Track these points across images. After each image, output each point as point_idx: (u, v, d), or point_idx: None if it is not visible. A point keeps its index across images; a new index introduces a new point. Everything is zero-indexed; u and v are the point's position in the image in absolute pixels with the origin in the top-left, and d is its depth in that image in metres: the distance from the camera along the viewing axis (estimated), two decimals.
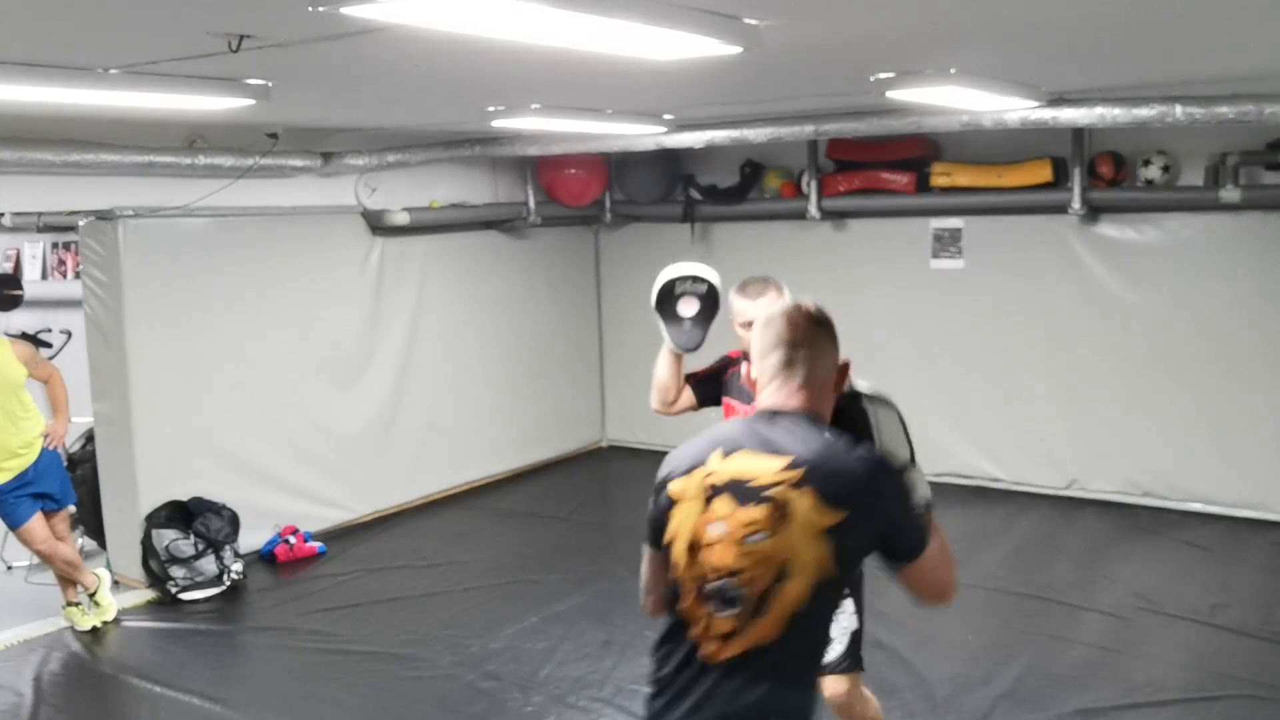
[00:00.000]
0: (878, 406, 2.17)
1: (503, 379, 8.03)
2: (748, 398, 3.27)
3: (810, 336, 2.14)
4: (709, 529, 2.03)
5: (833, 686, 3.36)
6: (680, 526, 2.08)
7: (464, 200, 7.72)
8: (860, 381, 2.22)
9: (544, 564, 6.15)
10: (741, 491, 2.02)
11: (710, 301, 3.47)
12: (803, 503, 1.96)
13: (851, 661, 3.38)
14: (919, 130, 5.89)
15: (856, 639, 3.40)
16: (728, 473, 2.05)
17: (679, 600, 2.08)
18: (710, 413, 3.53)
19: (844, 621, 3.36)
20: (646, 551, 2.23)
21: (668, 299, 3.51)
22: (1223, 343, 6.56)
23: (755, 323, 2.80)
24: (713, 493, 2.05)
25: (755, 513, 1.99)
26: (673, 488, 2.13)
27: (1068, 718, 4.26)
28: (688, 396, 3.59)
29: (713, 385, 3.57)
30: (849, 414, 2.16)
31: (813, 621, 2.03)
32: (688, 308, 3.45)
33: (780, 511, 1.97)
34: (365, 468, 7.13)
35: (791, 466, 1.99)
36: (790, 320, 2.15)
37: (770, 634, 1.98)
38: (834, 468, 1.99)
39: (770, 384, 2.15)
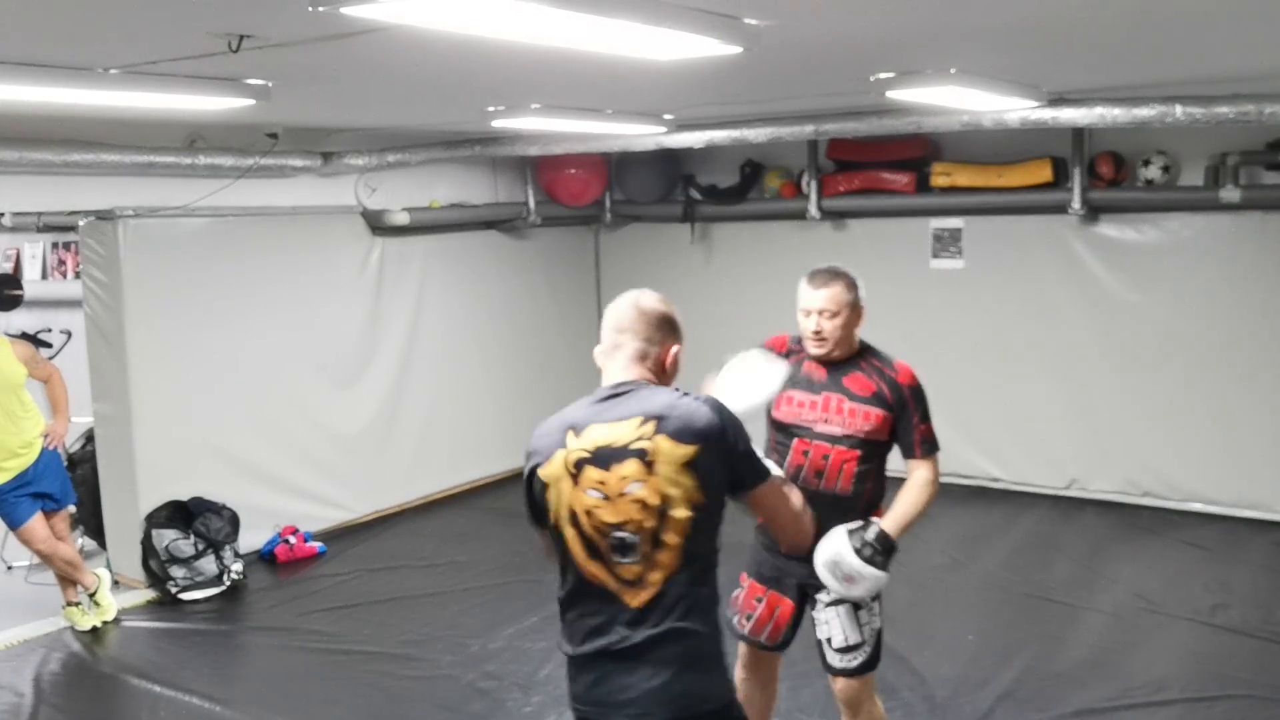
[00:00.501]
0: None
1: (503, 379, 8.03)
2: (811, 387, 3.30)
3: (633, 325, 2.47)
4: (587, 495, 2.35)
5: (847, 688, 3.35)
6: (558, 505, 2.41)
7: (464, 200, 7.72)
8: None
9: (544, 564, 6.11)
10: (608, 455, 2.34)
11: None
12: (663, 446, 2.31)
13: (871, 663, 3.35)
14: (919, 130, 5.89)
15: (880, 638, 3.37)
16: (588, 446, 2.37)
17: (580, 567, 2.38)
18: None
19: (874, 623, 3.34)
20: (536, 529, 2.58)
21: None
22: (1223, 342, 6.56)
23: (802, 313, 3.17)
24: (577, 468, 2.37)
25: (626, 468, 2.32)
26: (542, 474, 2.45)
27: (1068, 718, 4.26)
28: None
29: None
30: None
31: (701, 545, 2.34)
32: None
33: (646, 459, 2.31)
34: (365, 468, 7.13)
35: (644, 422, 2.33)
36: (621, 308, 2.51)
37: (671, 565, 2.32)
38: (679, 414, 2.33)
39: (608, 365, 2.50)
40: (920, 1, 2.95)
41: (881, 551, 3.15)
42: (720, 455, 2.33)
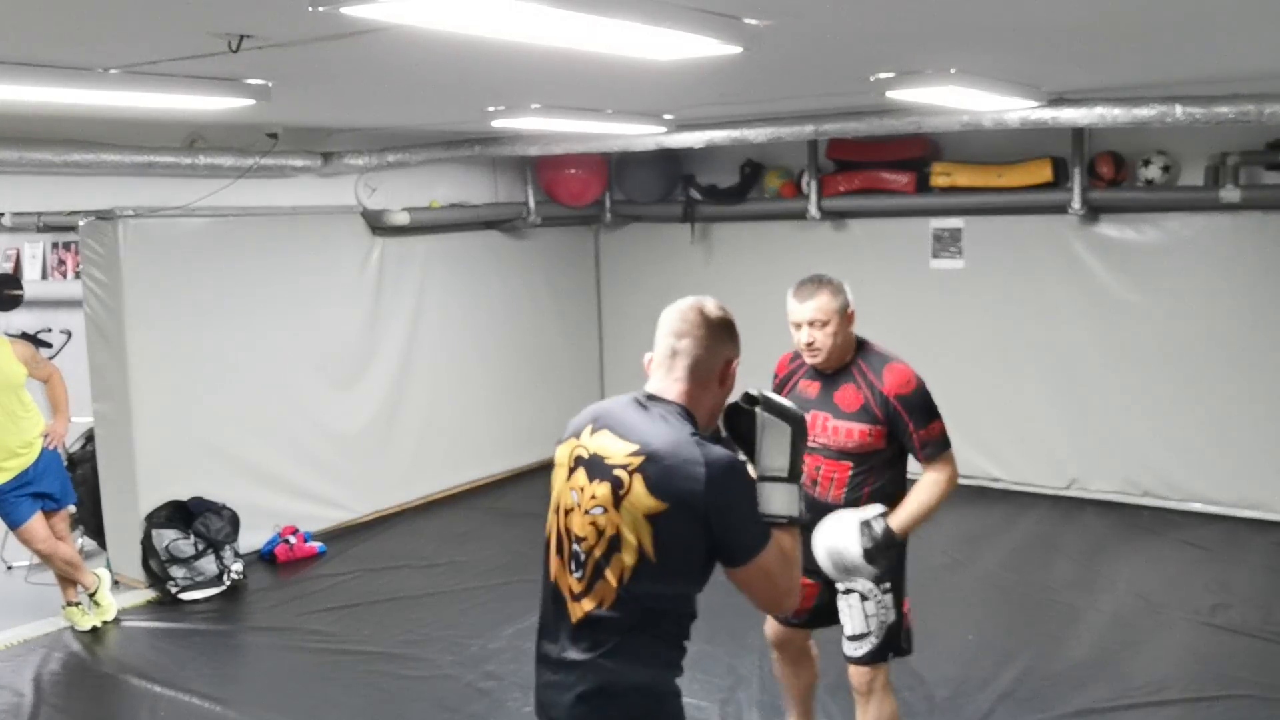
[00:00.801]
0: (772, 416, 2.23)
1: (503, 379, 8.03)
2: (803, 406, 3.12)
3: (697, 331, 2.24)
4: (569, 494, 2.26)
5: (857, 674, 3.44)
6: (556, 490, 2.32)
7: (464, 200, 7.72)
8: (768, 392, 2.29)
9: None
10: (596, 466, 2.21)
11: None
12: (636, 487, 2.13)
13: (883, 653, 3.40)
14: (919, 130, 5.89)
15: (894, 631, 3.40)
16: (591, 447, 2.24)
17: (549, 559, 2.30)
18: None
19: (881, 615, 3.39)
20: None
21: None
22: (1223, 342, 6.56)
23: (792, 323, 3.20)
24: (576, 464, 2.27)
25: (600, 488, 2.18)
26: (558, 453, 2.35)
27: (1068, 718, 4.27)
28: None
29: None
30: (740, 416, 2.26)
31: (643, 597, 2.16)
32: None
33: (618, 490, 2.15)
34: (365, 468, 7.13)
35: (637, 453, 2.15)
36: (682, 314, 2.26)
37: (606, 600, 2.17)
38: (670, 463, 2.11)
39: (657, 370, 2.28)
40: (920, 1, 2.95)
41: (882, 547, 3.15)
42: (691, 523, 2.11)
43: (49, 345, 7.57)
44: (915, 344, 7.46)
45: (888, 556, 3.20)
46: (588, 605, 2.20)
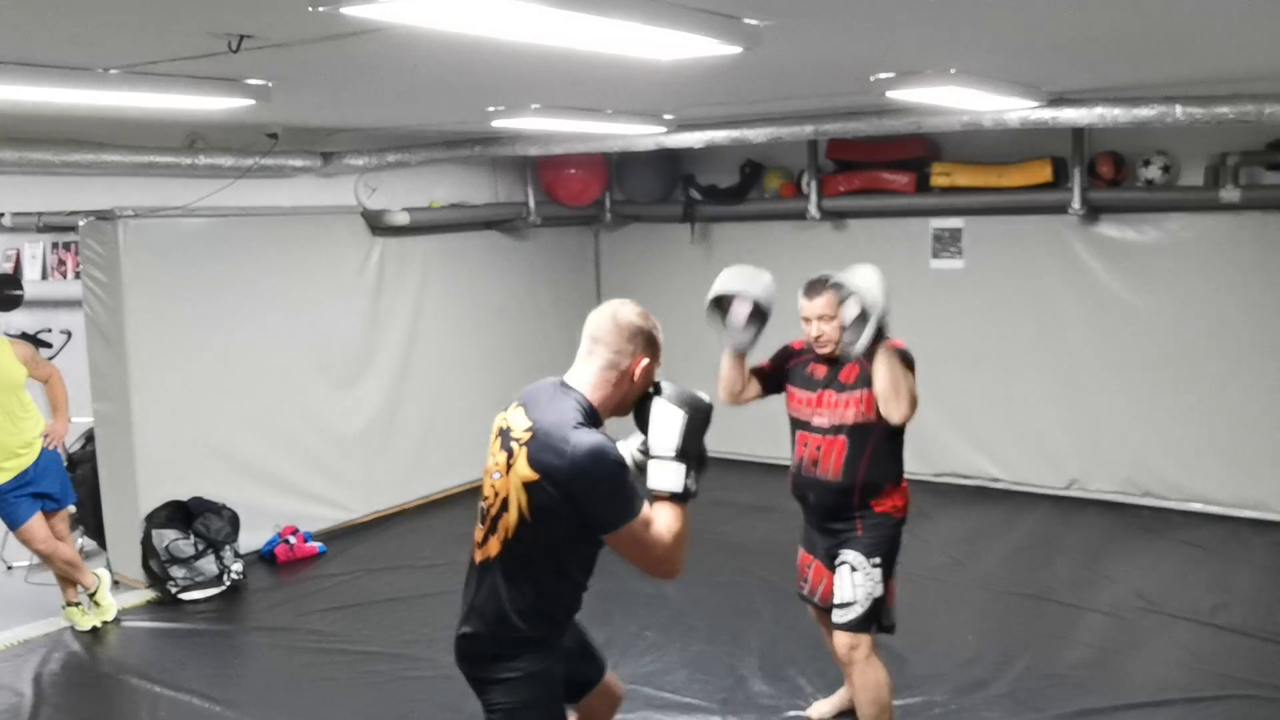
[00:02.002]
0: (666, 403, 2.58)
1: (503, 379, 8.01)
2: (810, 385, 3.73)
3: (609, 336, 2.61)
4: (489, 459, 2.63)
5: (840, 640, 3.73)
6: (488, 456, 2.66)
7: (464, 200, 7.72)
8: (667, 384, 2.62)
9: None
10: (505, 437, 2.59)
11: (759, 310, 3.67)
12: (520, 457, 2.50)
13: (865, 623, 3.68)
14: (919, 130, 5.89)
15: (878, 604, 3.68)
16: (508, 420, 2.62)
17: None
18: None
19: (868, 587, 3.66)
20: None
21: (721, 304, 3.74)
22: (1223, 343, 6.56)
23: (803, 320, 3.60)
24: (498, 433, 2.64)
25: (501, 455, 2.57)
26: (492, 425, 2.70)
27: (1068, 718, 4.26)
28: (754, 388, 3.89)
29: (776, 376, 3.87)
30: (644, 402, 2.63)
31: (522, 554, 2.54)
32: (740, 312, 3.67)
33: (510, 460, 2.53)
34: (365, 468, 7.13)
35: (529, 429, 2.53)
36: (600, 317, 2.65)
37: (492, 552, 2.59)
38: (548, 441, 2.47)
39: (576, 362, 2.66)
40: (920, 2, 2.95)
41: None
42: (558, 495, 2.44)
43: (49, 345, 7.55)
44: (915, 344, 7.40)
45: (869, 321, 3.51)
46: (479, 556, 2.64)
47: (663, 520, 2.52)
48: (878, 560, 3.68)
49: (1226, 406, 6.58)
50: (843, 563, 3.71)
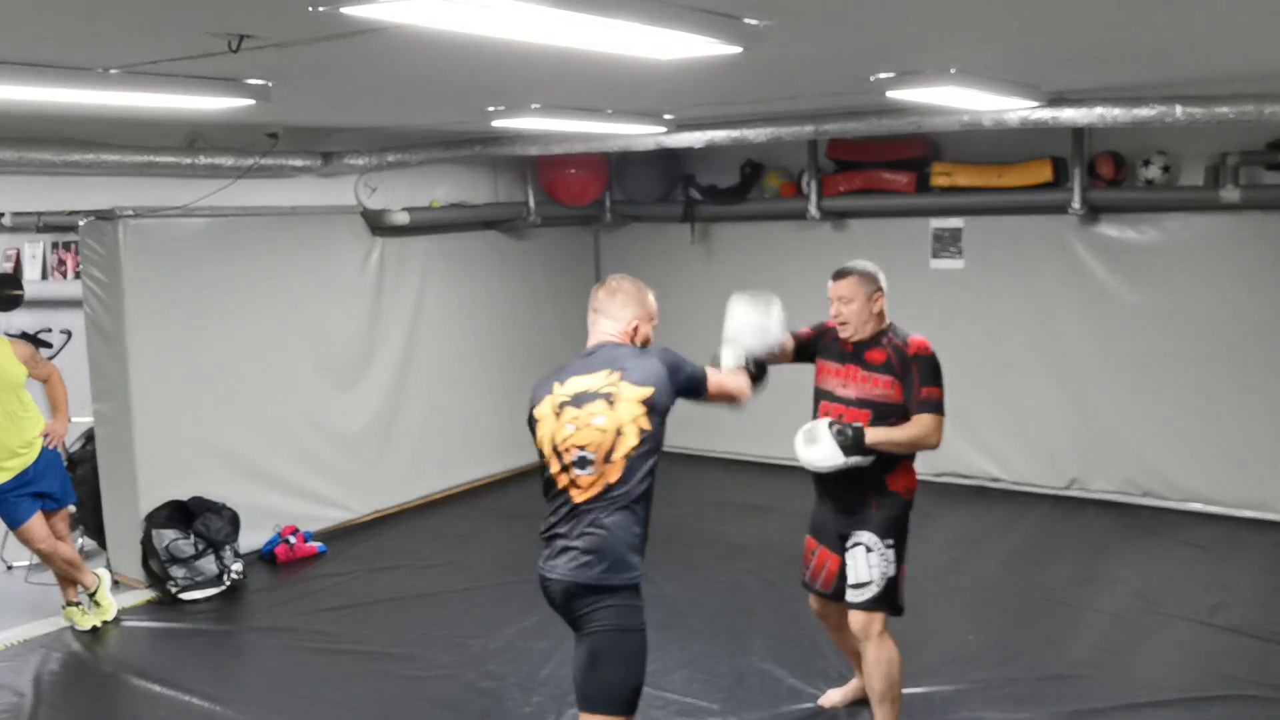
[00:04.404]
0: (733, 305, 3.65)
1: (502, 379, 8.02)
2: (841, 358, 3.93)
3: (604, 305, 3.31)
4: (565, 428, 3.13)
5: (855, 619, 3.86)
6: (543, 436, 3.20)
7: (464, 200, 7.72)
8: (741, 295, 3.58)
9: None
10: (583, 397, 3.13)
11: (758, 366, 3.79)
12: (625, 389, 3.11)
13: (879, 602, 3.81)
14: (919, 130, 5.89)
15: (893, 584, 3.82)
16: (570, 391, 3.17)
17: (554, 477, 3.16)
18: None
19: (883, 567, 3.81)
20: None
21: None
22: (1223, 343, 6.56)
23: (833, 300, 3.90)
24: (561, 408, 3.16)
25: (597, 406, 3.11)
26: (535, 413, 3.24)
27: (1067, 717, 4.27)
28: (788, 351, 4.06)
29: (808, 346, 4.05)
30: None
31: (639, 461, 3.09)
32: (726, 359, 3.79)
33: (611, 399, 3.10)
34: (365, 468, 7.13)
35: (611, 372, 3.15)
36: (595, 291, 3.35)
37: (615, 475, 3.08)
38: (637, 365, 3.15)
39: (590, 334, 3.31)
40: (920, 1, 2.95)
41: (850, 440, 3.73)
42: (667, 391, 3.14)
43: (49, 345, 7.56)
44: None
45: (853, 449, 3.73)
46: (598, 487, 3.08)
47: (728, 375, 3.51)
48: (891, 541, 3.82)
49: (1226, 406, 6.58)
50: (857, 544, 3.85)
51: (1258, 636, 4.95)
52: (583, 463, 3.10)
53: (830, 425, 3.76)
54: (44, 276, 8.21)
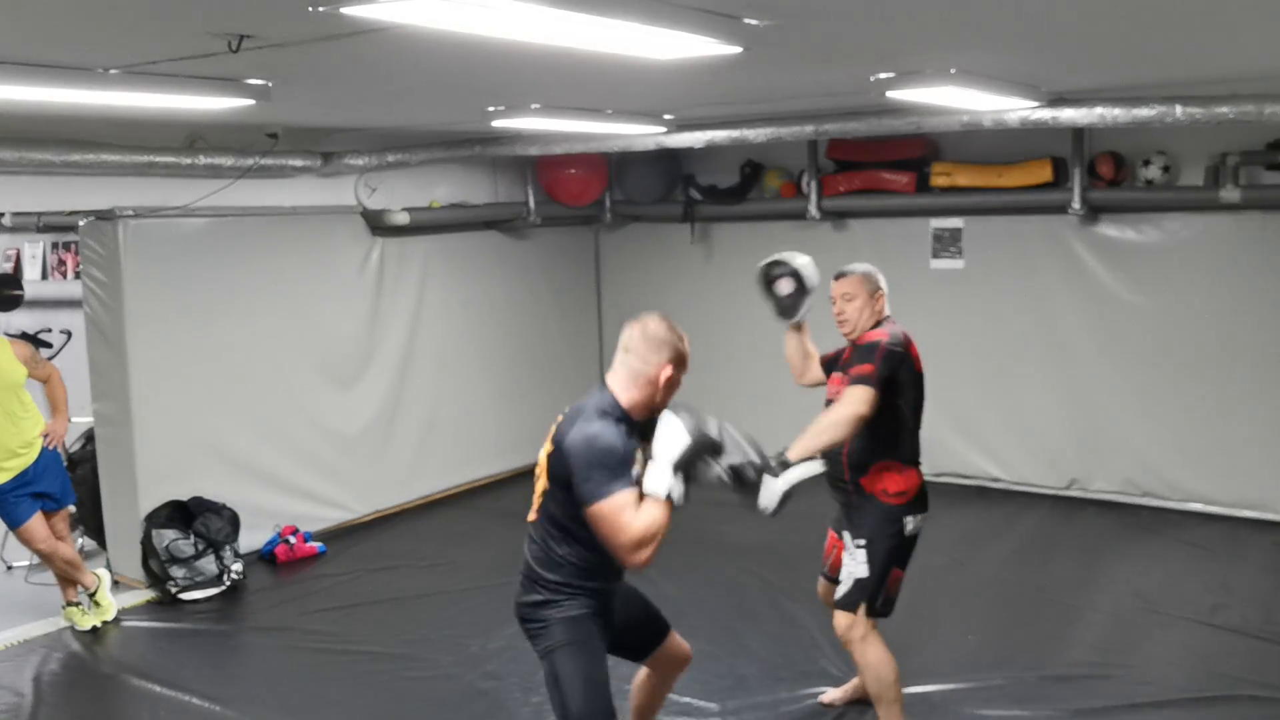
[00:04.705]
0: (674, 419, 2.94)
1: (503, 379, 8.03)
2: (840, 369, 3.96)
3: (636, 345, 3.04)
4: (540, 453, 3.12)
5: (836, 618, 3.91)
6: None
7: (464, 200, 7.72)
8: (684, 409, 2.98)
9: None
10: (554, 431, 3.09)
11: (799, 280, 4.10)
12: (551, 437, 3.05)
13: (850, 602, 3.84)
14: (919, 130, 5.89)
15: (861, 586, 3.83)
16: (556, 421, 3.12)
17: None
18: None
19: (851, 567, 3.86)
20: None
21: (767, 281, 4.20)
22: (1223, 343, 6.56)
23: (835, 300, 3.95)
24: (551, 433, 3.11)
25: (549, 444, 3.06)
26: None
27: (1067, 717, 4.27)
28: (815, 372, 4.25)
29: (829, 364, 4.14)
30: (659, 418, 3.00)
31: (548, 511, 3.08)
32: (783, 286, 4.14)
33: (549, 443, 3.06)
34: (365, 468, 7.13)
35: (563, 413, 3.08)
36: (630, 329, 3.08)
37: (533, 515, 3.15)
38: (568, 426, 2.99)
39: (613, 368, 3.10)
40: (920, 1, 2.95)
41: (756, 473, 3.17)
42: (562, 463, 2.95)
43: (49, 345, 7.56)
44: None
45: (778, 471, 3.31)
46: (529, 517, 3.16)
47: (644, 512, 2.87)
48: (862, 542, 3.84)
49: (1226, 406, 6.58)
50: (844, 542, 3.96)
51: (1258, 636, 4.95)
52: (536, 479, 3.16)
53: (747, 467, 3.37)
54: (44, 276, 8.21)
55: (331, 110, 5.48)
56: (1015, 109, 5.37)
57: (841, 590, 3.88)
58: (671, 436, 2.91)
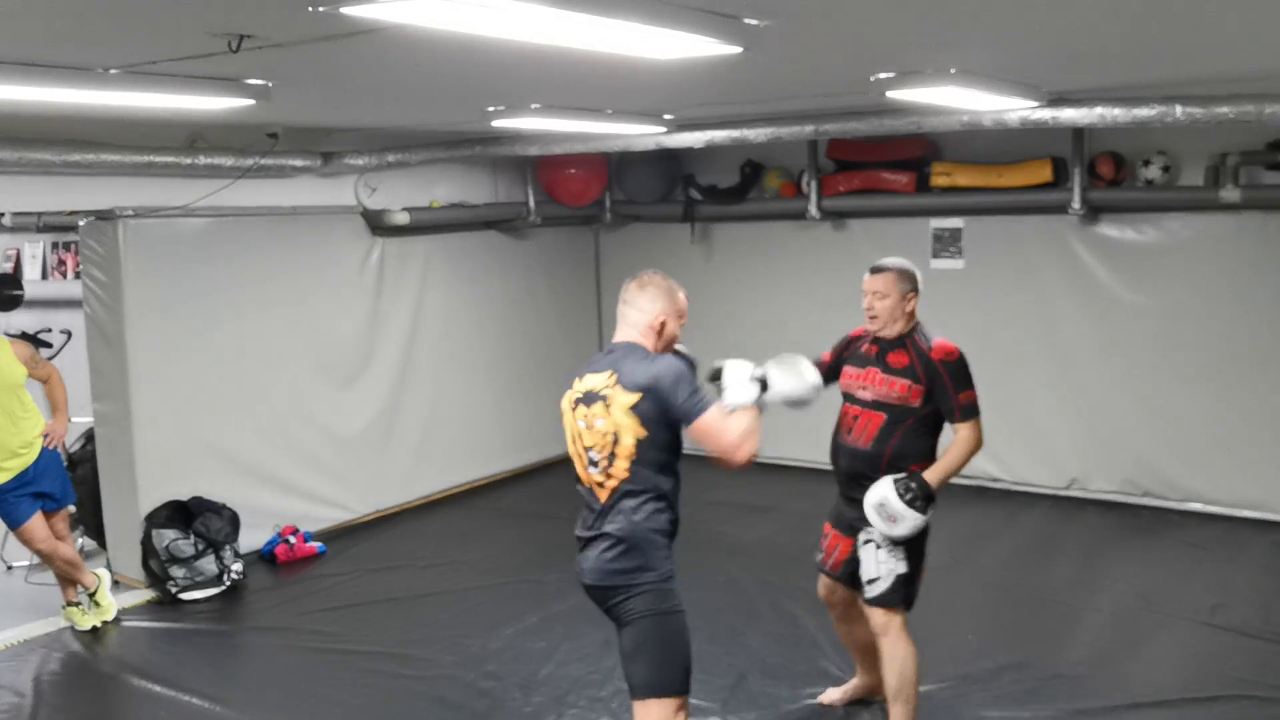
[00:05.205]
0: (732, 368, 3.28)
1: (503, 379, 8.03)
2: (862, 362, 3.99)
3: (633, 298, 3.27)
4: (577, 424, 3.22)
5: (873, 615, 3.92)
6: (567, 429, 3.28)
7: (464, 200, 7.72)
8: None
9: (544, 564, 6.13)
10: (590, 396, 3.18)
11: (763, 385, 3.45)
12: (617, 394, 3.11)
13: (894, 599, 3.88)
14: (919, 130, 5.89)
15: (901, 581, 3.87)
16: (581, 389, 3.23)
17: (578, 473, 3.25)
18: None
19: (890, 564, 3.87)
20: None
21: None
22: (1223, 342, 6.56)
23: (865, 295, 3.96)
24: (575, 404, 3.24)
25: (597, 408, 3.15)
26: (562, 404, 3.30)
27: (1067, 717, 4.27)
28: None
29: (834, 365, 4.11)
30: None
31: (644, 464, 3.11)
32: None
33: (607, 403, 3.12)
34: (365, 468, 7.13)
35: (611, 374, 3.15)
36: (626, 285, 3.30)
37: (623, 475, 3.12)
38: (631, 369, 3.12)
39: (617, 328, 3.28)
40: (920, 1, 2.95)
41: (920, 497, 3.77)
42: (656, 401, 3.06)
43: (49, 345, 7.56)
44: None
45: (928, 504, 3.79)
46: (610, 487, 3.13)
47: (736, 417, 3.12)
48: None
49: (1226, 406, 6.58)
50: (868, 540, 3.92)
51: (1258, 636, 4.95)
52: (594, 463, 3.17)
53: (900, 495, 3.76)
54: (44, 276, 8.21)
55: (331, 110, 5.48)
56: (1015, 109, 5.37)
57: (880, 588, 3.88)
58: (738, 365, 3.26)
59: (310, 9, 2.67)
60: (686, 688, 3.15)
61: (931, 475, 3.82)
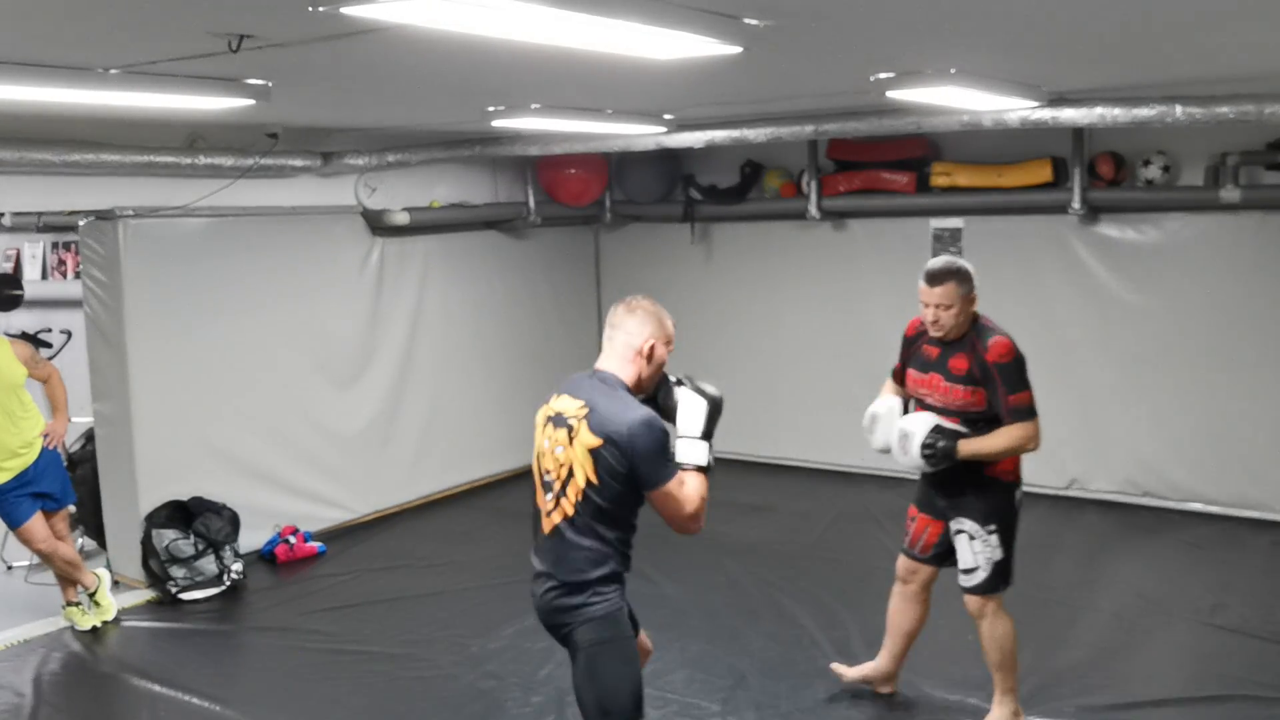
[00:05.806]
0: (692, 393, 3.09)
1: (503, 379, 8.03)
2: (924, 367, 3.97)
3: (623, 322, 3.10)
4: (544, 442, 3.09)
5: (968, 602, 4.03)
6: (536, 442, 3.15)
7: (464, 200, 7.72)
8: (689, 376, 3.15)
9: None
10: (559, 419, 3.05)
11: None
12: (582, 430, 2.96)
13: (993, 586, 3.97)
14: (919, 130, 5.89)
15: (1001, 568, 3.96)
16: (555, 408, 3.09)
17: (535, 489, 3.14)
18: None
19: (987, 553, 3.94)
20: None
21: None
22: (1223, 342, 6.56)
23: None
24: (546, 421, 3.10)
25: (561, 433, 3.02)
26: (537, 418, 3.16)
27: (1067, 717, 4.27)
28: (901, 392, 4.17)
29: (905, 363, 4.11)
30: (667, 389, 3.15)
31: (588, 510, 2.98)
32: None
33: (571, 434, 2.99)
34: (365, 468, 7.13)
35: (583, 407, 3.00)
36: (615, 309, 3.14)
37: (568, 510, 3.01)
38: (605, 413, 2.95)
39: (603, 352, 3.13)
40: (920, 2, 2.95)
41: (939, 455, 3.82)
42: (618, 454, 2.91)
43: (49, 345, 7.57)
44: None
45: (940, 460, 3.82)
46: (555, 519, 3.03)
47: (692, 485, 3.01)
48: (993, 527, 3.93)
49: (1226, 406, 6.58)
50: (960, 531, 3.99)
51: (1258, 636, 4.95)
52: (548, 487, 3.06)
53: (923, 442, 3.83)
54: (44, 276, 8.22)
55: (331, 110, 5.48)
56: (1015, 109, 5.37)
57: (979, 578, 3.96)
58: (693, 410, 3.08)
59: (310, 9, 2.67)
60: (639, 713, 3.07)
61: (966, 445, 3.82)
